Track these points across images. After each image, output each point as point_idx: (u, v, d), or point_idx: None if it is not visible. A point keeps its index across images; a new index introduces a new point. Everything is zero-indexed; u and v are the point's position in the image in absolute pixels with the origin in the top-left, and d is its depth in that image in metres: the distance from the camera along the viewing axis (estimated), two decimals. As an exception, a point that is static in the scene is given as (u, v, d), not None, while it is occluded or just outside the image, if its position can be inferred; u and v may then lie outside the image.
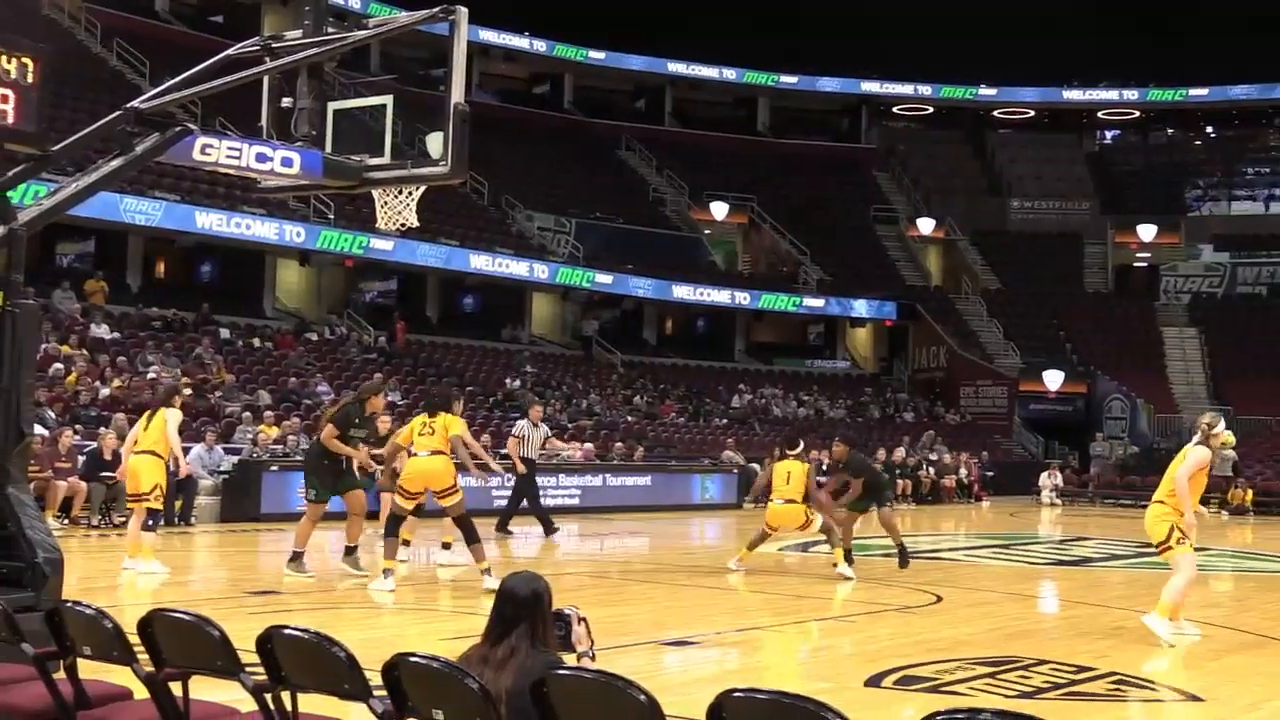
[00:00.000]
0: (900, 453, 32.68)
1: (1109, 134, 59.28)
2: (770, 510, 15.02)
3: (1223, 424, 10.86)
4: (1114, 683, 8.88)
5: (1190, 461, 10.59)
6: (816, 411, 39.97)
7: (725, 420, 36.97)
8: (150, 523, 13.64)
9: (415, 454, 12.78)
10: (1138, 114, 57.11)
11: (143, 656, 5.17)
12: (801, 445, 15.35)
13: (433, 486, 12.74)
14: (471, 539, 12.61)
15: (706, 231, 49.17)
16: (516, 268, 37.28)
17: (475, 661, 4.52)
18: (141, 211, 28.92)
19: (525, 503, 19.63)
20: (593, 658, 4.86)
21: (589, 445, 28.64)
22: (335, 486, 13.44)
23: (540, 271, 38.16)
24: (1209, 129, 58.25)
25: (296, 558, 13.19)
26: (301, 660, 4.76)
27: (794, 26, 52.14)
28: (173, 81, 9.57)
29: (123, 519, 19.11)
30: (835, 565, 14.80)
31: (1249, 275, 49.98)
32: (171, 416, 13.78)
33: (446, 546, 15.11)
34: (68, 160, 9.59)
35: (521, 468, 19.30)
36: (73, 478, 18.58)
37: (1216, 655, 10.29)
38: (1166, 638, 10.34)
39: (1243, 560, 20.61)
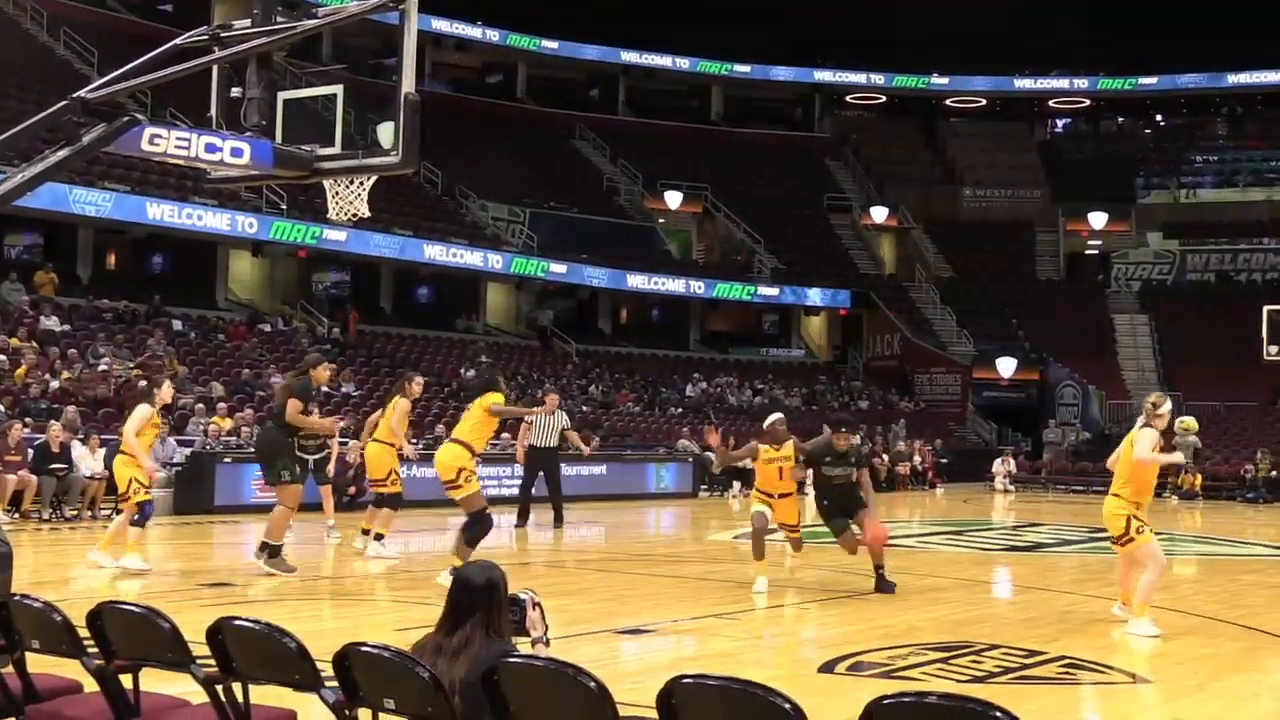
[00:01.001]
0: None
1: (1060, 123, 59.68)
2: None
3: (1168, 404, 10.75)
4: (1064, 666, 8.96)
5: (1142, 444, 10.53)
6: (771, 400, 40.05)
7: (680, 409, 37.03)
8: (138, 517, 13.26)
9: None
10: (1088, 103, 57.53)
11: (93, 650, 5.15)
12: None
13: (441, 476, 12.60)
14: (470, 541, 12.34)
15: (661, 221, 49.20)
16: (470, 258, 37.18)
17: (429, 651, 4.52)
18: (91, 203, 28.67)
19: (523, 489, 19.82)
20: (547, 643, 4.87)
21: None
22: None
23: (494, 261, 38.08)
24: (1159, 117, 58.71)
25: (274, 551, 12.73)
26: (252, 651, 4.76)
27: (747, 16, 52.20)
28: (120, 71, 9.50)
29: (74, 512, 19.00)
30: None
31: (1198, 262, 50.44)
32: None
33: (379, 537, 14.85)
34: (13, 151, 9.50)
35: (521, 456, 19.62)
36: (23, 471, 18.43)
37: (1165, 638, 10.39)
38: (1151, 633, 10.27)
39: (1192, 544, 20.83)
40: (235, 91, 9.83)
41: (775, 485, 12.99)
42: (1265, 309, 34.91)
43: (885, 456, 33.99)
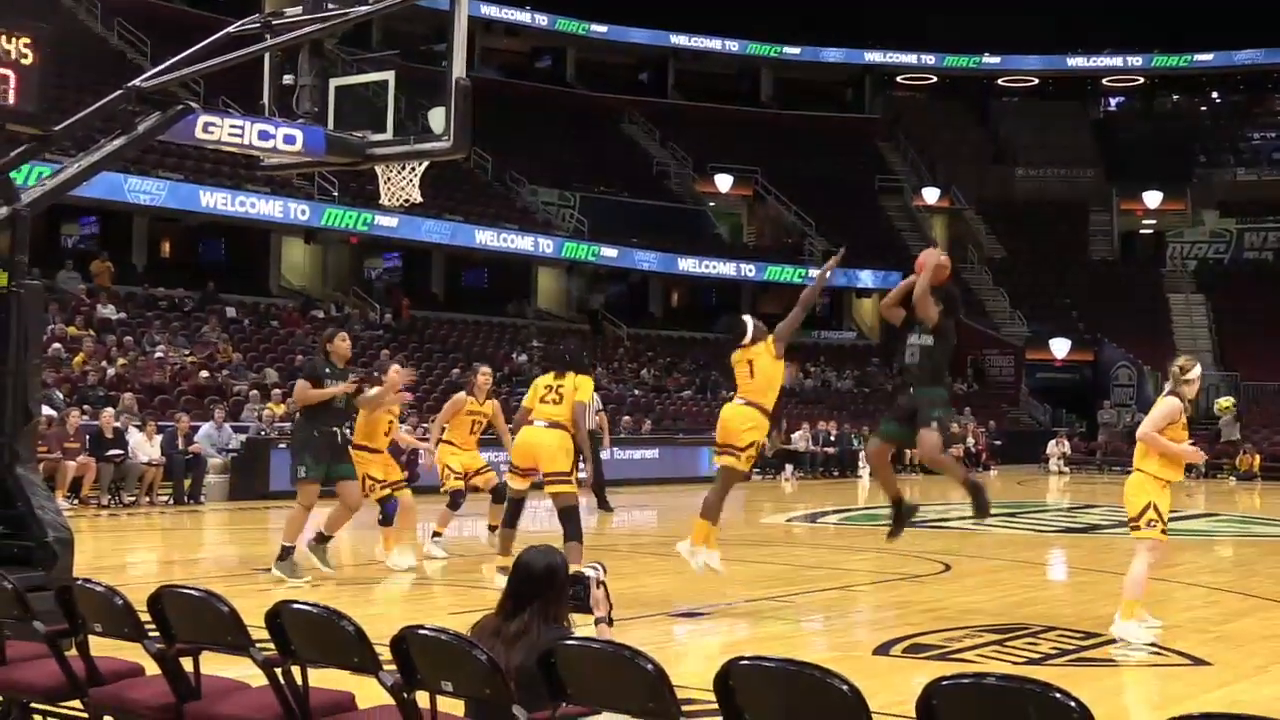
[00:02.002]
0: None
1: (1114, 101, 59.05)
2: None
3: (1197, 369, 9.55)
4: (1122, 649, 8.88)
5: (1156, 414, 9.33)
6: (824, 383, 39.96)
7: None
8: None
9: (532, 422, 11.07)
10: (1142, 80, 56.85)
11: (154, 633, 5.20)
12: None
13: (543, 467, 11.06)
14: (572, 536, 10.94)
15: (711, 204, 49.09)
16: (521, 242, 37.24)
17: (488, 634, 4.52)
18: (146, 191, 28.89)
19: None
20: (610, 623, 4.87)
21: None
22: (329, 466, 11.50)
23: (545, 246, 38.13)
24: (1214, 95, 58.00)
25: (286, 553, 11.38)
26: (311, 635, 4.78)
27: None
28: (174, 60, 9.57)
29: (131, 498, 19.17)
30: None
31: (1255, 241, 49.87)
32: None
33: (436, 535, 13.43)
34: (70, 140, 9.58)
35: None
36: (82, 457, 18.63)
37: (1224, 619, 10.31)
38: (1141, 639, 9.05)
39: (1250, 525, 20.62)
40: (287, 79, 9.89)
41: None
42: (1324, 287, 34.46)
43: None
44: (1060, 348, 43.86)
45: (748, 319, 11.34)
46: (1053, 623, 9.78)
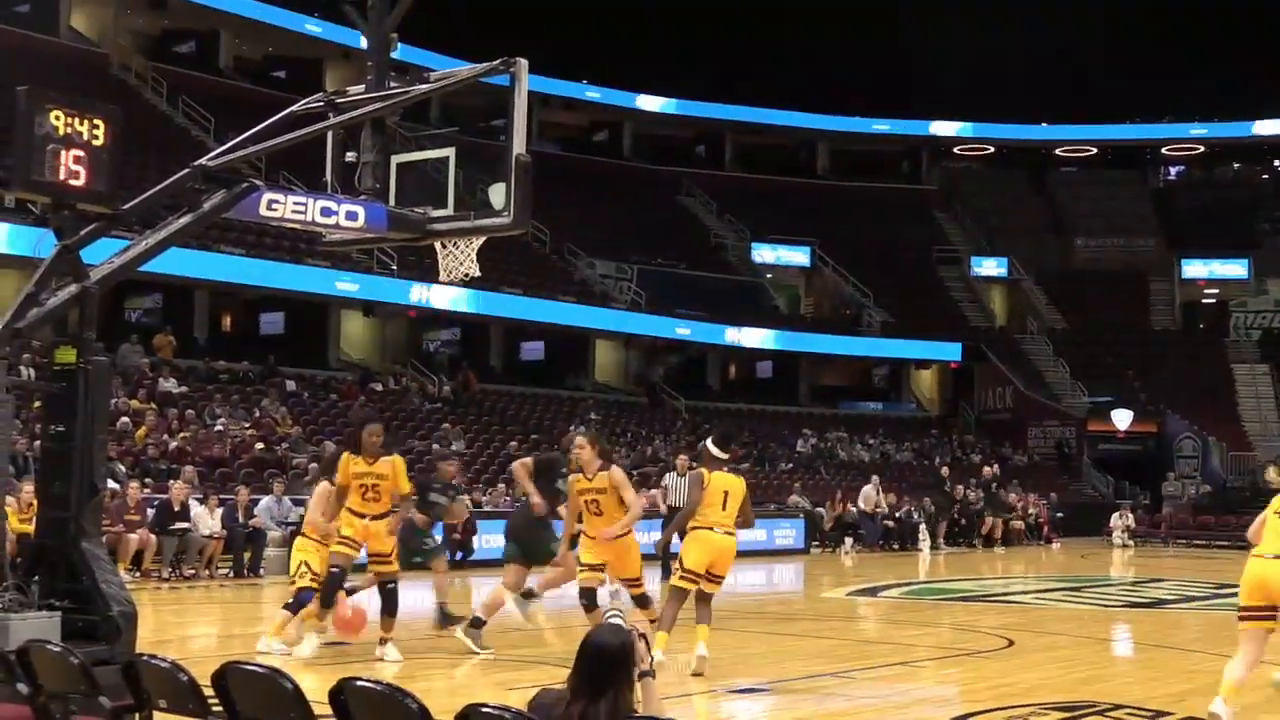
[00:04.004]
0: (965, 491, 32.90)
1: (1173, 170, 58.77)
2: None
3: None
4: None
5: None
6: (883, 455, 39.72)
7: (791, 465, 36.79)
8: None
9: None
10: (1202, 149, 56.60)
11: (218, 709, 5.21)
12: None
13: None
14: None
15: (769, 275, 49.15)
16: (579, 316, 37.38)
17: (574, 716, 4.46)
18: (208, 265, 29.22)
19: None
20: (653, 675, 4.85)
21: (654, 491, 28.57)
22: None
23: (603, 319, 38.27)
24: (1276, 163, 57.64)
25: (450, 618, 12.25)
26: (374, 712, 4.78)
27: (851, 70, 52.18)
28: (239, 139, 9.73)
29: (192, 571, 19.27)
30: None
31: (1320, 310, 49.33)
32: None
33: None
34: (136, 218, 9.73)
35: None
36: (143, 530, 18.74)
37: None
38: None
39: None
40: (350, 156, 10.01)
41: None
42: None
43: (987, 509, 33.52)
44: (1122, 419, 43.39)
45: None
46: (1120, 700, 9.60)
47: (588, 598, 10.80)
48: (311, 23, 42.30)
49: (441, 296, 32.92)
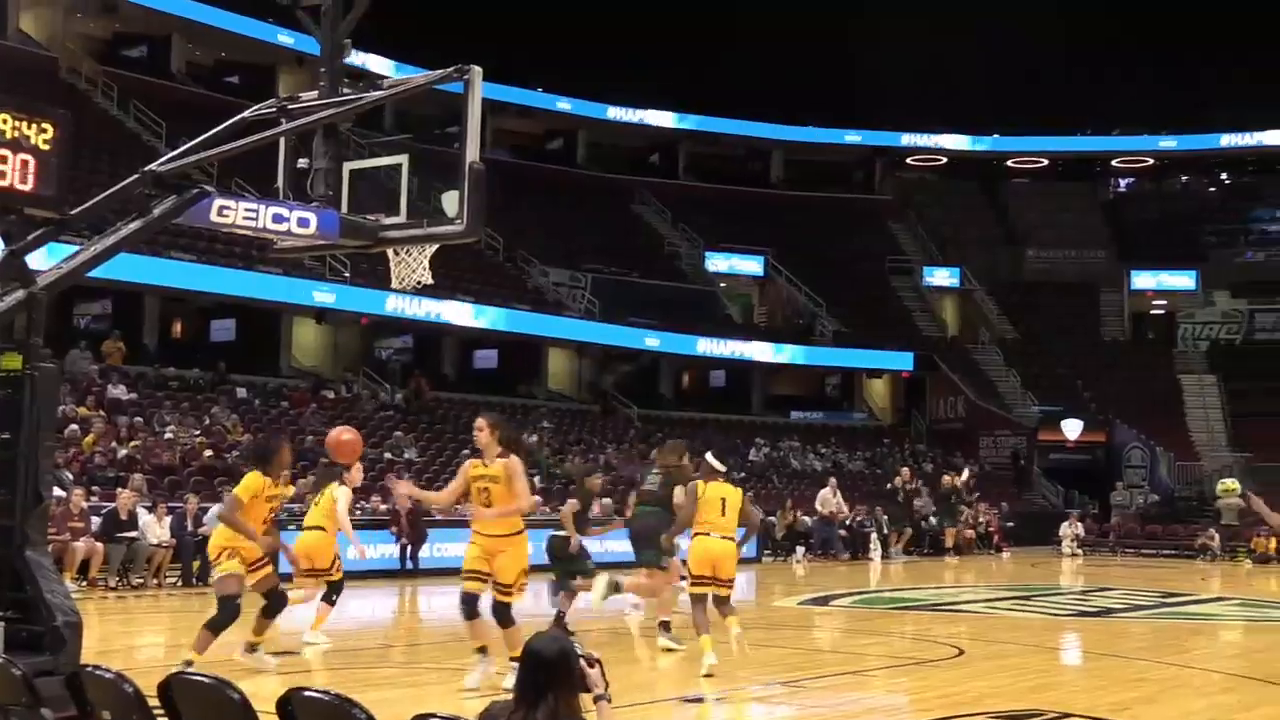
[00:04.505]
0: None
1: (1124, 182, 59.33)
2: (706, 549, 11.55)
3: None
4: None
5: None
6: (834, 464, 39.84)
7: (743, 474, 36.83)
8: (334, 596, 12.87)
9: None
10: (1152, 162, 57.18)
11: (163, 720, 5.15)
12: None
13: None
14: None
15: (722, 285, 49.26)
16: (532, 324, 37.35)
17: None
18: (158, 271, 29.02)
19: None
20: (609, 700, 4.84)
21: (607, 500, 28.52)
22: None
23: (556, 327, 38.24)
24: (1224, 176, 58.32)
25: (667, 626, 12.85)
26: (323, 723, 4.74)
27: (806, 79, 52.37)
28: (190, 144, 9.65)
29: (140, 580, 19.09)
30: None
31: (1267, 321, 49.89)
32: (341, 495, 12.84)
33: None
34: (85, 223, 9.65)
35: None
36: (88, 538, 18.56)
37: (1243, 708, 10.18)
38: None
39: (1269, 610, 20.42)
40: (302, 162, 9.94)
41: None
42: (1338, 368, 34.40)
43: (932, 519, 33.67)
44: (1072, 429, 43.74)
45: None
46: (1067, 708, 9.66)
47: (469, 604, 10.10)
48: (266, 29, 42.06)
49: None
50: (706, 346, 42.04)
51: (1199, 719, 9.71)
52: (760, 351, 43.40)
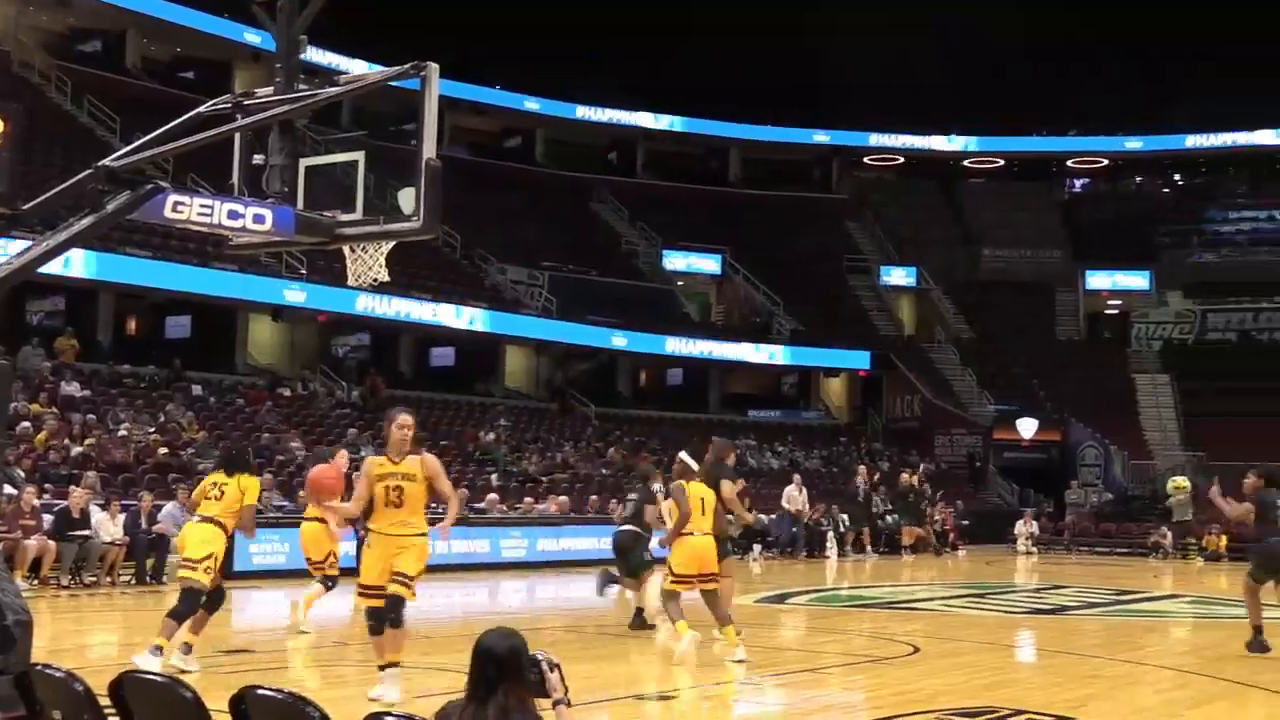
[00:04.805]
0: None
1: (1079, 182, 59.76)
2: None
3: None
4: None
5: None
6: (791, 462, 39.94)
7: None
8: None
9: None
10: (1106, 163, 57.62)
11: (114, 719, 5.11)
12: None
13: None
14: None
15: (679, 283, 49.30)
16: (489, 321, 37.26)
17: None
18: (113, 268, 28.81)
19: None
20: (568, 704, 4.82)
21: (564, 499, 28.55)
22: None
23: (514, 325, 38.17)
24: (1177, 177, 58.84)
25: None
26: (276, 721, 4.71)
27: (764, 80, 52.51)
28: (144, 139, 9.56)
29: (92, 578, 18.93)
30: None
31: (1219, 322, 50.41)
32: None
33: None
34: (37, 219, 9.54)
35: None
36: (39, 536, 18.38)
37: (1195, 704, 10.28)
38: None
39: (1218, 606, 20.60)
40: (257, 158, 9.87)
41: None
42: (1288, 369, 34.75)
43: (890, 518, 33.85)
44: (1027, 428, 44.01)
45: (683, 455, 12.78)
46: (1022, 705, 9.71)
47: (376, 619, 9.56)
48: (222, 24, 41.80)
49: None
50: (675, 346, 42.08)
51: (1151, 715, 9.77)
52: (716, 350, 43.44)
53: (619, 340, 40.94)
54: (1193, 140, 55.21)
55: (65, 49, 41.01)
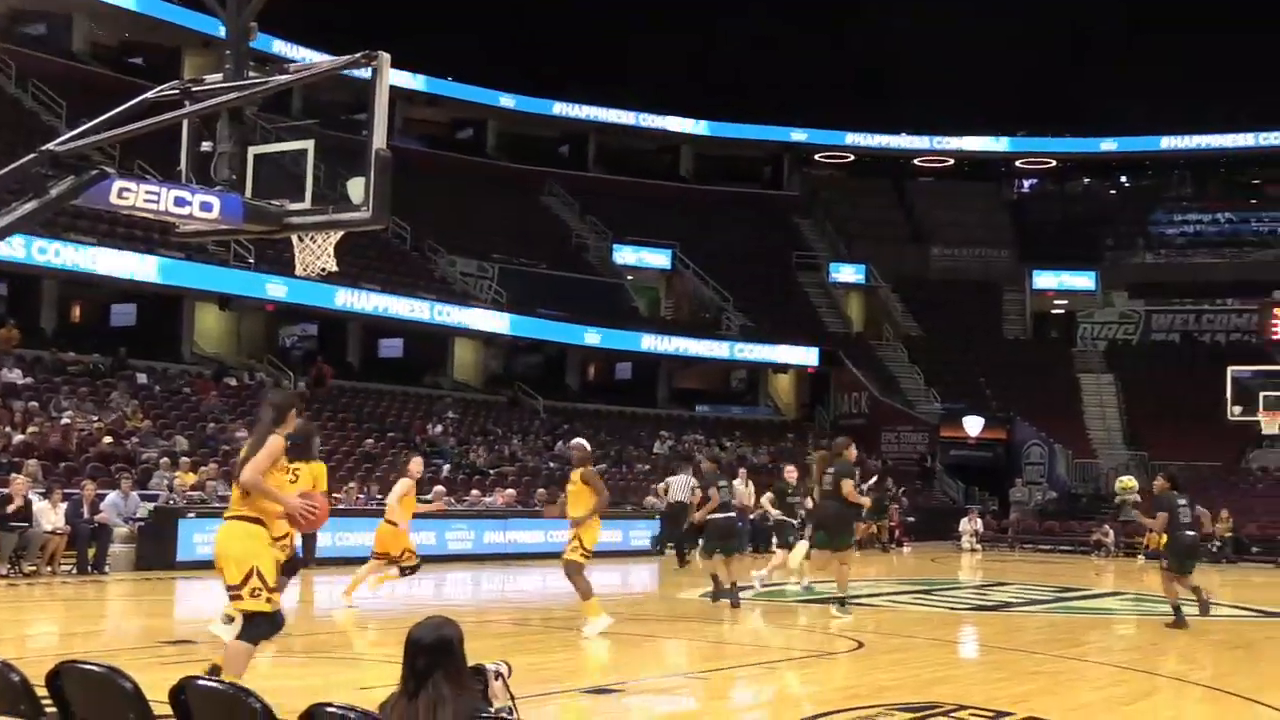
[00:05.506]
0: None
1: (1027, 183, 60.20)
2: None
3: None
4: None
5: None
6: (740, 457, 40.02)
7: (648, 466, 36.93)
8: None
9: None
10: (1054, 164, 58.06)
11: (51, 710, 5.06)
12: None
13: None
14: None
15: (629, 277, 49.31)
16: (439, 313, 37.12)
17: (398, 717, 4.44)
18: (57, 255, 28.49)
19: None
20: (511, 713, 4.79)
21: (510, 491, 28.52)
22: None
23: (463, 317, 38.04)
24: (1124, 179, 59.40)
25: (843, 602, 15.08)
26: (216, 712, 4.69)
27: (716, 76, 52.63)
28: (89, 124, 9.46)
29: (33, 568, 18.73)
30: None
31: (1163, 323, 50.94)
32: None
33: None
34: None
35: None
36: (-21, 525, 18.18)
37: (1133, 699, 10.39)
38: None
39: (1159, 604, 20.80)
40: (205, 146, 9.79)
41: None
42: (1229, 370, 35.12)
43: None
44: (974, 425, 44.30)
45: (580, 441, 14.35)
46: (964, 701, 9.78)
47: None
48: (171, 10, 41.42)
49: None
50: (609, 339, 42.06)
51: (1090, 710, 9.87)
52: (665, 345, 43.48)
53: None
54: (1140, 143, 55.70)
55: (9, 31, 40.48)
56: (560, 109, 52.39)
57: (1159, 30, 50.92)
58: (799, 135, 55.95)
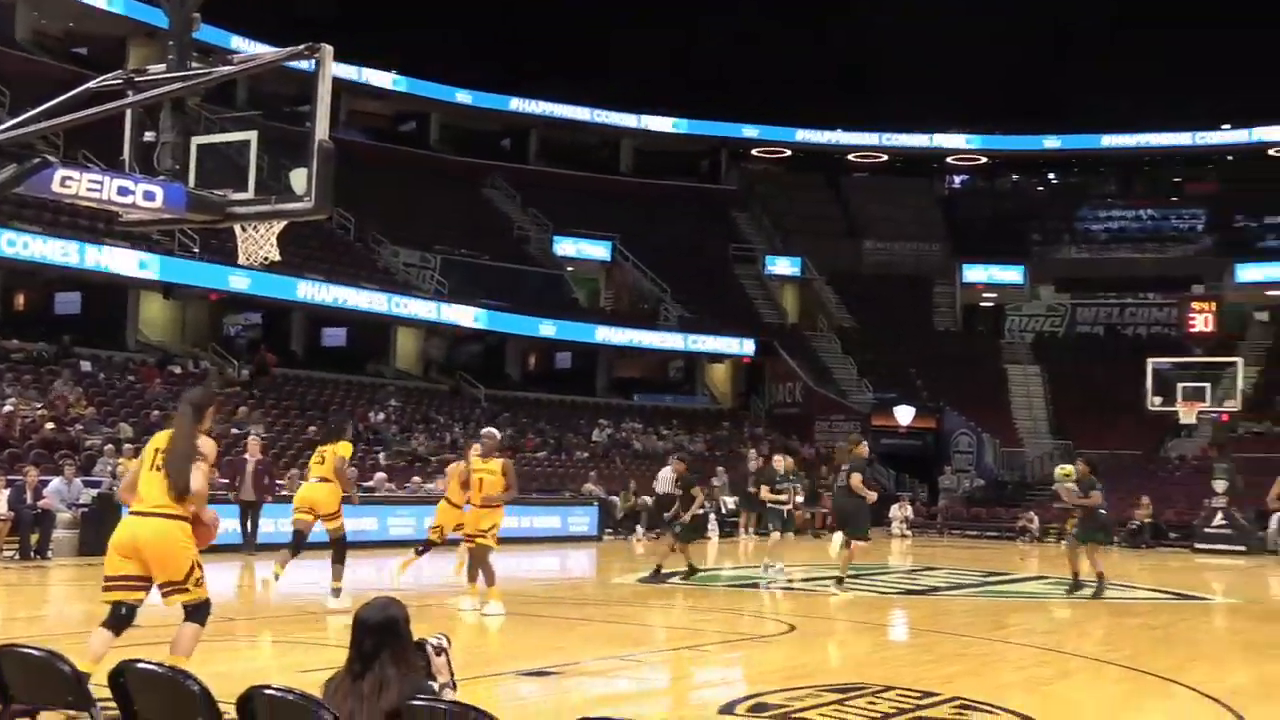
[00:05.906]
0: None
1: (958, 179, 60.78)
2: None
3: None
4: (957, 707, 9.12)
5: None
6: (677, 446, 40.32)
7: (587, 454, 37.15)
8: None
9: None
10: (984, 160, 58.68)
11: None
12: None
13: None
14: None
15: (569, 269, 49.44)
16: (381, 302, 37.13)
17: (342, 696, 4.52)
18: (10, 245, 28.21)
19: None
20: (454, 688, 4.92)
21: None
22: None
23: (405, 306, 38.06)
24: (1051, 176, 60.22)
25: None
26: (154, 694, 4.72)
27: (655, 71, 52.78)
28: (33, 112, 9.55)
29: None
30: None
31: (1088, 316, 51.83)
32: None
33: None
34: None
35: None
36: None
37: (1054, 679, 10.71)
38: None
39: (1081, 588, 21.23)
40: (149, 135, 9.88)
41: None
42: (1149, 361, 35.80)
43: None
44: (904, 415, 44.79)
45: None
46: (892, 682, 10.05)
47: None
48: (122, 2, 40.97)
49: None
50: (549, 329, 42.20)
51: (1015, 690, 10.17)
52: (604, 335, 43.66)
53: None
54: (1066, 141, 56.38)
55: (-53, 19, 40.07)
56: (502, 102, 52.36)
57: (1143, 25, 51.34)
58: (733, 129, 56.06)
